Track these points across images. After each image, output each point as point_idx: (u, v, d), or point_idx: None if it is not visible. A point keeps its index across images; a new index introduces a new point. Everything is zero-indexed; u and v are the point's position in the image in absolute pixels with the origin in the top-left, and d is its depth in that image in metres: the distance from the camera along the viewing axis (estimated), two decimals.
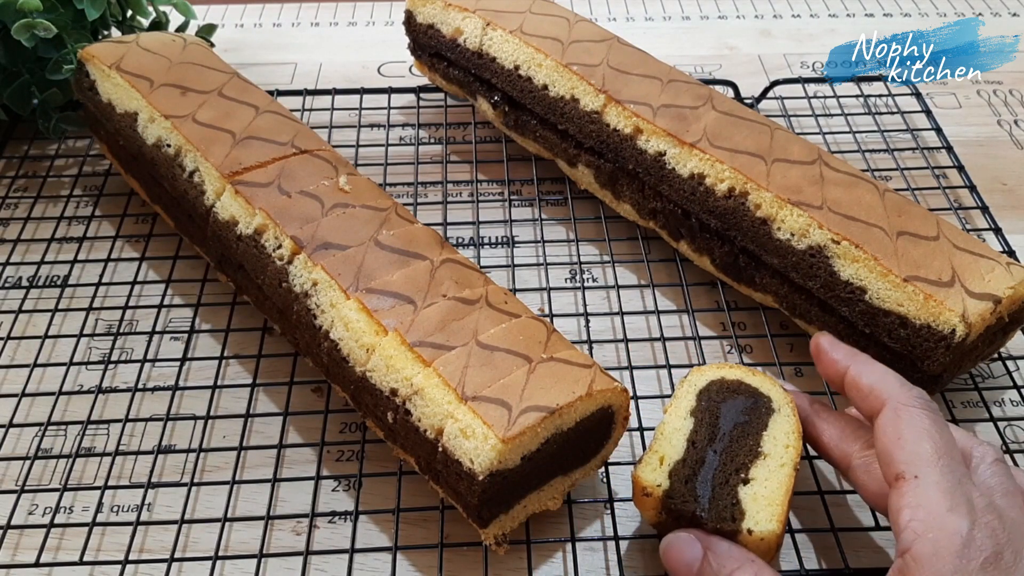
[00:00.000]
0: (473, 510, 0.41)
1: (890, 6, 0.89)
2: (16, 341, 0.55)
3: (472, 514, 0.42)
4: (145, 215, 0.63)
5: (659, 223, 0.58)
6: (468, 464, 0.40)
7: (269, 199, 0.51)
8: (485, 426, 0.40)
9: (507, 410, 0.40)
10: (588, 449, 0.44)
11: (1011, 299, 0.48)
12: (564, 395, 0.41)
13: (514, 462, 0.40)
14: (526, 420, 0.40)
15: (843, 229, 0.50)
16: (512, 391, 0.41)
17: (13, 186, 0.66)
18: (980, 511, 0.35)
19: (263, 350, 0.54)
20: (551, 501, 0.44)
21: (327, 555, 0.45)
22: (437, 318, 0.44)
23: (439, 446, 0.41)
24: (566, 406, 0.41)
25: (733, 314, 0.57)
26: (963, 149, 0.68)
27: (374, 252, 0.48)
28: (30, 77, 0.65)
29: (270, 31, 0.85)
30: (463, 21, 0.65)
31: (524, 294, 0.58)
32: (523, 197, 0.66)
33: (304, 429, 0.51)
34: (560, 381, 0.42)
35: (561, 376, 0.42)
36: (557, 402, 0.41)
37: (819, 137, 0.70)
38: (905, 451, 0.37)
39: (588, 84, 0.59)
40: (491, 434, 0.39)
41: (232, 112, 0.56)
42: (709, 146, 0.54)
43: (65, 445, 0.50)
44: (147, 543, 0.45)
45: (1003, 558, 0.34)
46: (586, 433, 0.43)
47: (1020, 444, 0.50)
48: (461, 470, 0.40)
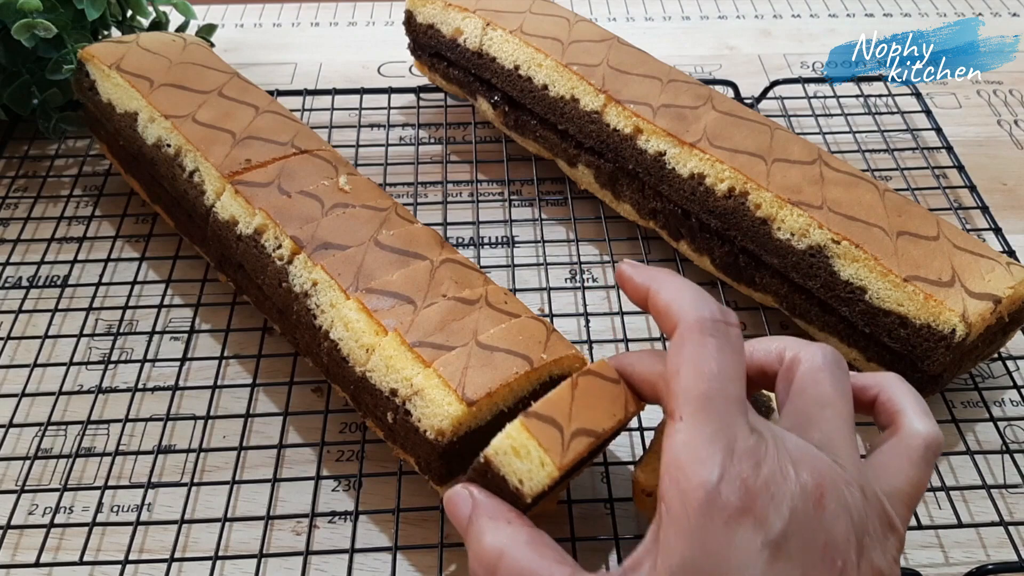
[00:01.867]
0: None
1: (890, 6, 0.89)
2: (16, 341, 0.55)
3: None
4: (145, 215, 0.63)
5: (659, 223, 0.58)
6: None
7: (269, 199, 0.51)
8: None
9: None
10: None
11: (1011, 299, 0.48)
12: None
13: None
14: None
15: (843, 229, 0.50)
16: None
17: (13, 186, 0.66)
18: (737, 458, 0.32)
19: (263, 350, 0.54)
20: (548, 503, 0.44)
21: (327, 555, 0.45)
22: (437, 318, 0.44)
23: (439, 447, 0.41)
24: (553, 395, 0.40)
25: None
26: (963, 149, 0.68)
27: (374, 252, 0.48)
28: (30, 77, 0.65)
29: (270, 31, 0.85)
30: (463, 21, 0.65)
31: (524, 294, 0.58)
32: (523, 197, 0.66)
33: (304, 429, 0.51)
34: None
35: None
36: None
37: (819, 137, 0.70)
38: (679, 386, 0.34)
39: (588, 84, 0.59)
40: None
41: (232, 112, 0.56)
42: (709, 146, 0.54)
43: (65, 445, 0.50)
44: (147, 543, 0.46)
45: (753, 509, 0.31)
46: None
47: (1020, 444, 0.50)
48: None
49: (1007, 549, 0.45)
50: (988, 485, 0.47)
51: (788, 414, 0.37)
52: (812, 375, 0.37)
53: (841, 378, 0.37)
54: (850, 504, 0.33)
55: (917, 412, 0.37)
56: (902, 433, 0.37)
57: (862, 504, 0.33)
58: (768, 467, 0.32)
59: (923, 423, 0.37)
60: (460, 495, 0.37)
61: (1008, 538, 0.45)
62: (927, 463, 0.36)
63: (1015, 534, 0.45)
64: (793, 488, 0.32)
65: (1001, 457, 0.49)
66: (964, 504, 0.47)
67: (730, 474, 0.31)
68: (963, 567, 0.44)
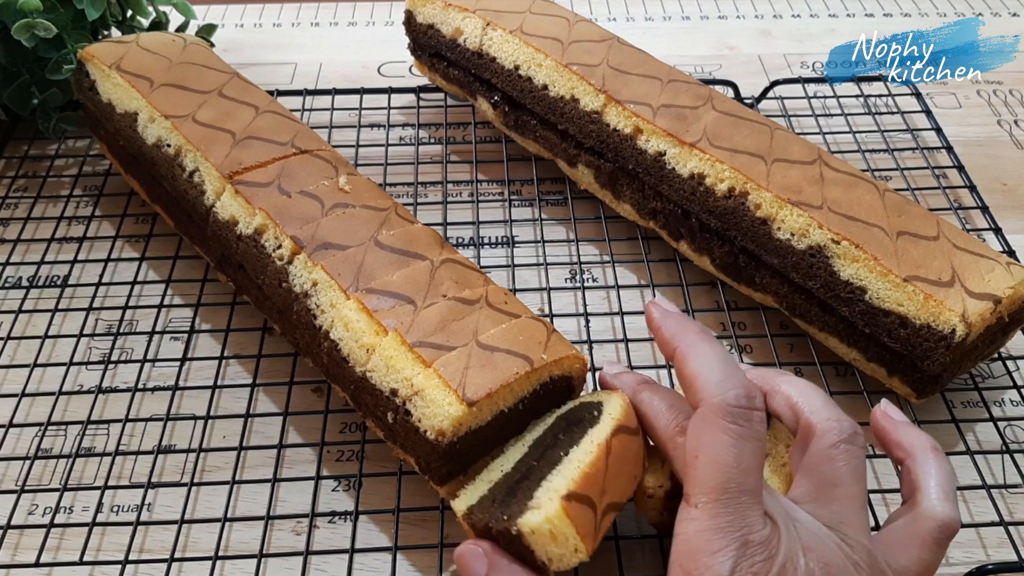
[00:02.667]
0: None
1: (890, 6, 0.89)
2: (16, 341, 0.55)
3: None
4: (145, 215, 0.63)
5: (659, 223, 0.58)
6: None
7: (269, 199, 0.51)
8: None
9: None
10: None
11: (1011, 299, 0.48)
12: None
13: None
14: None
15: (843, 229, 0.50)
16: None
17: (13, 186, 0.66)
18: (750, 551, 0.33)
19: (263, 350, 0.54)
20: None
21: (327, 555, 0.45)
22: (437, 318, 0.44)
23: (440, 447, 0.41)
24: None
25: (733, 314, 0.57)
26: (963, 149, 0.68)
27: (374, 252, 0.48)
28: (30, 77, 0.65)
29: (270, 31, 0.85)
30: (463, 21, 0.65)
31: (524, 294, 0.58)
32: (523, 197, 0.66)
33: (304, 429, 0.51)
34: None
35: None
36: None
37: (819, 137, 0.70)
38: (696, 473, 0.34)
39: (588, 84, 0.59)
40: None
41: (232, 112, 0.56)
42: (709, 146, 0.54)
43: (65, 445, 0.50)
44: (147, 543, 0.46)
45: None
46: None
47: (1020, 444, 0.50)
48: None
49: (1007, 549, 0.45)
50: (988, 485, 0.47)
51: (801, 484, 0.37)
52: (826, 452, 0.37)
53: (855, 456, 0.37)
54: None
55: (938, 493, 0.37)
56: (918, 512, 0.37)
57: None
58: (781, 559, 0.33)
59: (942, 506, 0.37)
60: (474, 553, 0.37)
61: (1008, 538, 0.45)
62: (939, 546, 0.37)
63: (1015, 534, 0.45)
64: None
65: (1001, 457, 0.49)
66: (964, 504, 0.47)
67: (742, 567, 0.32)
68: (963, 567, 0.44)
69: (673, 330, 0.39)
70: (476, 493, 0.40)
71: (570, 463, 0.37)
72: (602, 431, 0.38)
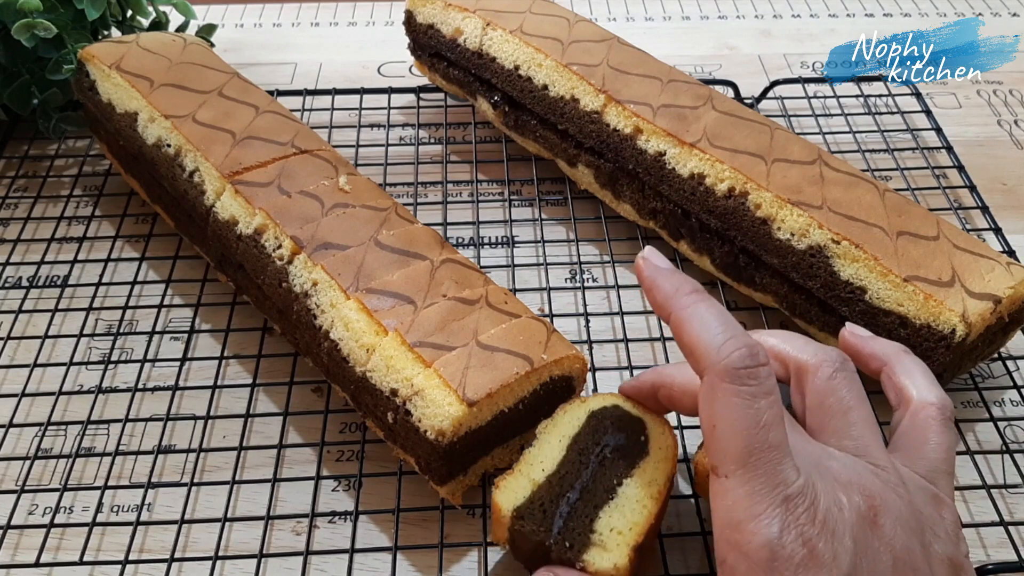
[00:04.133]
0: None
1: (890, 6, 0.89)
2: (16, 341, 0.55)
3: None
4: (145, 215, 0.63)
5: (659, 223, 0.58)
6: None
7: (269, 199, 0.51)
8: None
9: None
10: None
11: (1011, 299, 0.48)
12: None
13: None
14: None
15: (843, 229, 0.50)
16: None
17: (13, 186, 0.66)
18: (792, 505, 0.32)
19: (263, 350, 0.54)
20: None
21: (327, 555, 0.45)
22: (437, 318, 0.44)
23: (440, 447, 0.41)
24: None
25: (733, 314, 0.56)
26: (963, 149, 0.68)
27: (374, 252, 0.48)
28: (30, 77, 0.65)
29: (270, 31, 0.85)
30: (463, 21, 0.65)
31: (524, 294, 0.58)
32: (523, 197, 0.66)
33: (304, 429, 0.51)
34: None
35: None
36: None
37: (819, 137, 0.70)
38: (718, 444, 0.33)
39: (588, 84, 0.59)
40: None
41: (232, 112, 0.56)
42: (709, 146, 0.54)
43: (65, 445, 0.50)
44: (147, 543, 0.45)
45: (817, 552, 0.31)
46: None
47: (1020, 444, 0.50)
48: None
49: (1007, 549, 0.45)
50: (988, 485, 0.47)
51: (814, 426, 0.38)
52: (827, 385, 0.37)
53: (854, 381, 0.38)
54: (902, 510, 0.34)
55: (923, 383, 0.39)
56: (914, 406, 0.38)
57: (910, 501, 0.34)
58: (823, 504, 0.32)
59: (932, 392, 0.38)
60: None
61: (1008, 538, 0.45)
62: (947, 427, 0.37)
63: (1015, 534, 0.45)
64: (849, 516, 0.32)
65: (1001, 457, 0.49)
66: (964, 504, 0.47)
67: (788, 524, 0.32)
68: None
69: (666, 292, 0.36)
70: (519, 490, 0.39)
71: (629, 501, 0.39)
72: (658, 472, 0.40)
